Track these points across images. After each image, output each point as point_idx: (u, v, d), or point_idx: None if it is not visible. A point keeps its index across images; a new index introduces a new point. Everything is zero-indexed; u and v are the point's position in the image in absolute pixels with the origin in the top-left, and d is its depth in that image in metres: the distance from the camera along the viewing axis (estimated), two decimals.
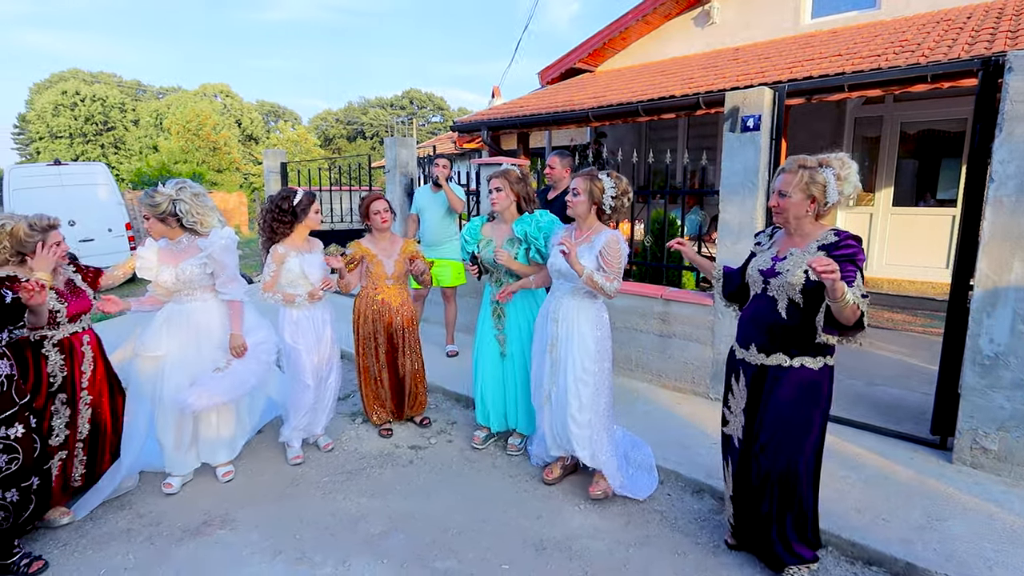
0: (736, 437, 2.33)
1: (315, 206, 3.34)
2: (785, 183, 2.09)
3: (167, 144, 29.68)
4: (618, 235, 2.78)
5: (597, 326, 2.86)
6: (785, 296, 2.10)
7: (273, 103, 46.22)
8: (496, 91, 15.15)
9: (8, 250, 2.57)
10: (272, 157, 9.08)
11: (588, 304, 2.88)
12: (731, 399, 2.35)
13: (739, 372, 2.28)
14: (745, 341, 2.26)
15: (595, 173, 2.81)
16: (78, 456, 2.85)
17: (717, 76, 5.65)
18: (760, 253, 2.30)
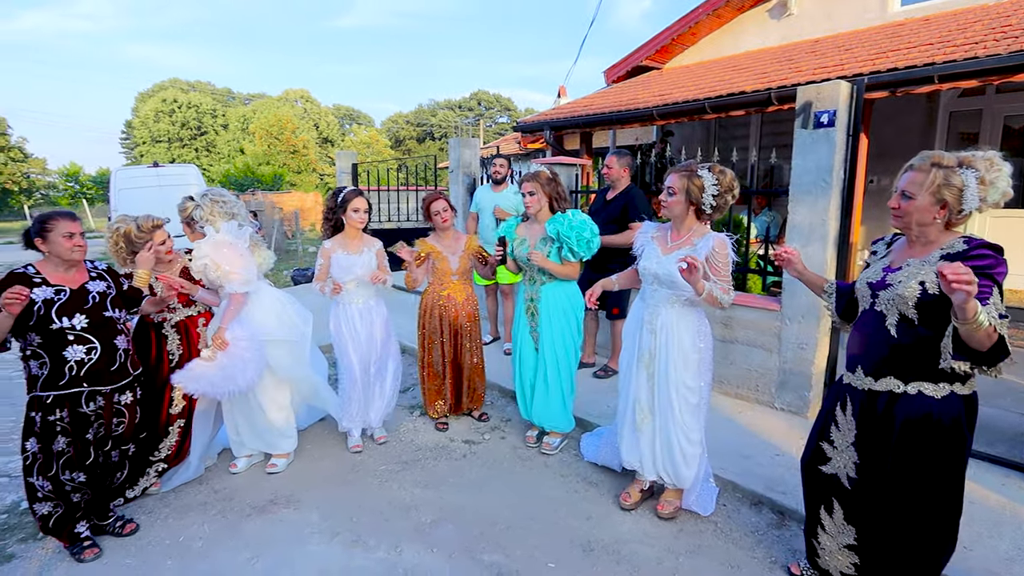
0: (845, 476, 1.99)
1: (355, 204, 3.39)
2: (911, 183, 1.80)
3: (252, 147, 31.71)
4: (724, 238, 2.52)
5: (700, 337, 2.64)
6: (896, 311, 1.82)
7: (348, 107, 48.35)
8: (562, 91, 15.10)
9: (124, 249, 2.90)
10: (344, 158, 9.51)
11: (689, 313, 2.64)
12: (835, 432, 2.02)
13: (846, 400, 1.98)
14: (851, 363, 1.98)
15: (694, 169, 2.52)
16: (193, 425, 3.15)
17: (792, 70, 5.38)
18: (873, 263, 2.01)
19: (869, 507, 1.96)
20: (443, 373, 3.80)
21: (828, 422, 2.07)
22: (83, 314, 2.41)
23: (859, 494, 1.97)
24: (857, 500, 1.98)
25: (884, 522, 1.92)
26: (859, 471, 1.96)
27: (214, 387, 2.90)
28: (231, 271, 3.02)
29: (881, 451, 1.89)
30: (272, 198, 16.91)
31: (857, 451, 1.96)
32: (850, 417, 1.97)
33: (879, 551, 1.97)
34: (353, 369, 3.50)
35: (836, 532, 2.07)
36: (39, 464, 2.40)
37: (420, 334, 3.82)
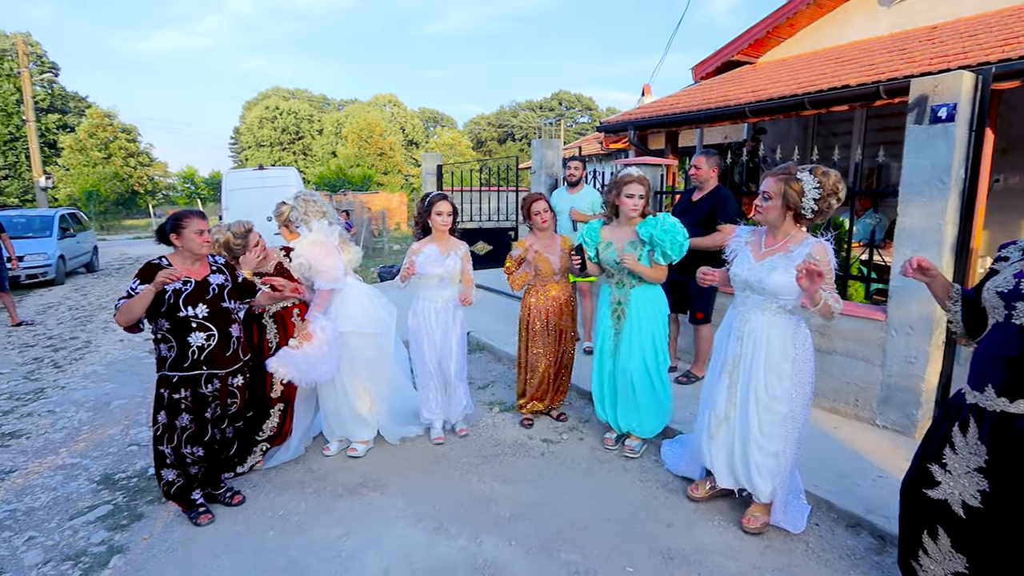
0: (960, 503, 1.83)
1: (438, 207, 3.49)
2: None
3: (343, 150, 33.56)
4: (826, 245, 2.41)
5: (793, 344, 2.51)
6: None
7: (433, 109, 49.90)
8: (647, 89, 14.76)
9: (228, 255, 3.20)
10: (429, 160, 9.85)
11: (781, 320, 2.53)
12: (949, 455, 1.86)
13: (968, 422, 1.81)
14: (979, 381, 1.80)
15: (792, 172, 2.41)
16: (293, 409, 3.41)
17: (904, 60, 4.95)
18: (1003, 270, 1.83)
19: (991, 538, 1.78)
20: (546, 372, 3.83)
21: (941, 444, 1.89)
22: (204, 304, 2.68)
23: (978, 523, 1.79)
24: (973, 530, 1.81)
25: (1008, 548, 1.75)
26: (985, 500, 1.77)
27: (300, 375, 3.12)
28: (321, 269, 3.26)
29: (1014, 476, 1.71)
30: (361, 198, 17.82)
31: (987, 478, 1.76)
32: (975, 442, 1.79)
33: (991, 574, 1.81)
34: (427, 365, 3.63)
35: (942, 559, 1.90)
36: (167, 435, 2.70)
37: (522, 335, 3.84)
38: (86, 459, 3.59)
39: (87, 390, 4.91)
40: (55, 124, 31.42)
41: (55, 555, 2.61)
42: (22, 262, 9.55)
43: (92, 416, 4.32)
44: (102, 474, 3.38)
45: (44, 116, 30.09)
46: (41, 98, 29.84)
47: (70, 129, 31.43)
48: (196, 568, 2.50)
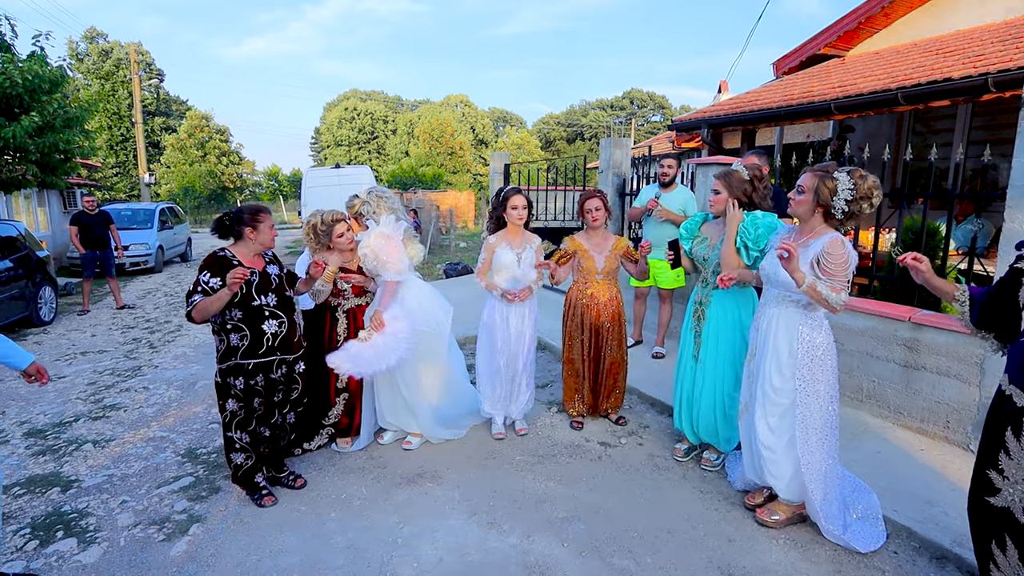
0: (1021, 509, 1.77)
1: (513, 201, 3.52)
2: None
3: (415, 150, 34.55)
4: (840, 237, 2.42)
5: (799, 339, 2.52)
6: None
7: (502, 109, 50.41)
8: (723, 85, 14.19)
9: (313, 240, 3.37)
10: (497, 159, 9.94)
11: (793, 313, 2.56)
12: (1004, 460, 1.80)
13: (1020, 423, 1.75)
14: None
15: (830, 170, 2.45)
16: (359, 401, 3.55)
17: (1018, 50, 4.48)
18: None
19: None
20: (582, 371, 3.81)
21: (995, 448, 1.81)
22: (272, 293, 2.83)
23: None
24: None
25: None
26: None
27: (366, 366, 3.16)
28: (387, 260, 3.32)
29: None
30: (431, 196, 18.28)
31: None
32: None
33: None
34: (496, 359, 3.65)
35: (1012, 572, 1.80)
36: (238, 420, 2.83)
37: (564, 331, 3.87)
38: (173, 433, 3.90)
39: (177, 370, 5.33)
40: (160, 126, 34.37)
41: (143, 519, 2.85)
42: (127, 251, 10.54)
43: (180, 394, 4.68)
44: (187, 448, 3.65)
45: (151, 119, 33.00)
46: (149, 102, 32.72)
47: (172, 131, 34.25)
48: (264, 542, 2.65)
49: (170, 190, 31.39)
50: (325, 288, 3.24)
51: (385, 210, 3.47)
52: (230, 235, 2.86)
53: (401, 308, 3.37)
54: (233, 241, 2.86)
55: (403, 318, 3.31)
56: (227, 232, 2.85)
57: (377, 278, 3.48)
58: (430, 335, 3.60)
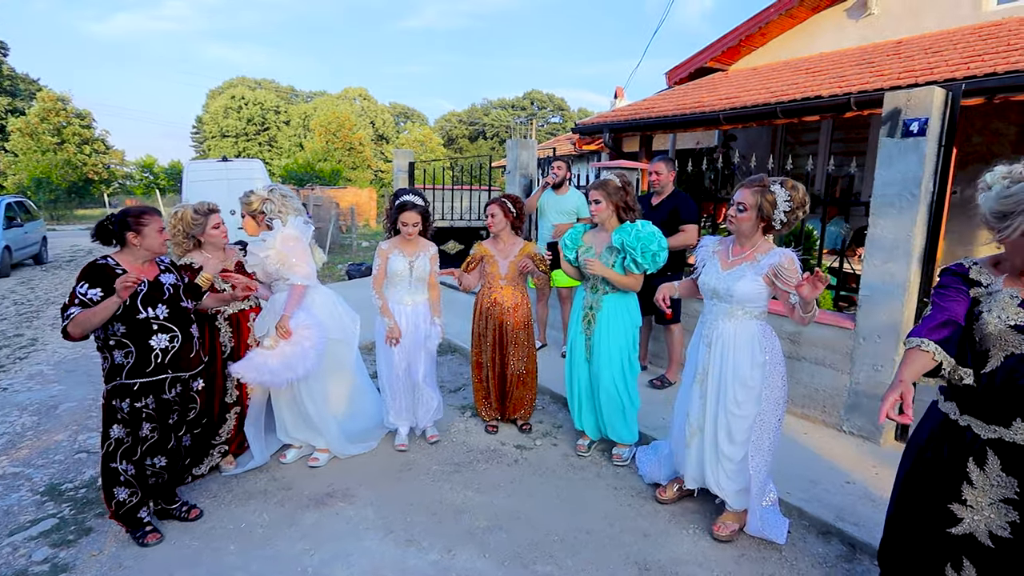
0: (986, 534, 1.76)
1: (404, 218, 3.35)
2: None
3: (311, 143, 32.84)
4: (793, 255, 2.44)
5: (762, 349, 2.54)
6: None
7: (403, 105, 49.38)
8: (619, 92, 14.87)
9: (180, 233, 3.03)
10: (401, 157, 9.68)
11: (748, 326, 2.56)
12: (970, 490, 1.78)
13: (985, 455, 1.74)
14: (1002, 416, 1.71)
15: (766, 184, 2.46)
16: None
17: (874, 74, 5.08)
18: (987, 300, 1.73)
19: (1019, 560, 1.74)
20: (489, 377, 3.79)
21: (955, 482, 1.80)
22: (164, 304, 2.52)
23: (1008, 553, 1.74)
24: (1002, 557, 1.75)
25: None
26: (1016, 530, 1.71)
27: (273, 376, 2.97)
28: (296, 263, 3.11)
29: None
30: (330, 193, 17.44)
31: (1017, 509, 1.70)
32: (999, 473, 1.72)
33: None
34: (396, 368, 3.53)
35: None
36: (124, 449, 2.50)
37: (472, 336, 3.84)
38: (29, 468, 3.36)
39: (32, 392, 4.62)
40: (4, 107, 29.81)
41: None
42: None
43: (37, 421, 4.06)
44: (47, 484, 3.16)
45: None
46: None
47: (20, 113, 29.84)
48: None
49: (19, 181, 27.34)
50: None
51: (291, 211, 3.23)
52: (112, 241, 2.52)
53: (309, 315, 3.15)
54: (118, 248, 2.53)
55: (312, 326, 3.10)
56: (109, 238, 2.52)
57: (278, 282, 3.23)
58: (338, 343, 3.42)
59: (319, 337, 3.11)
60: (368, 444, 3.56)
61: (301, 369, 3.04)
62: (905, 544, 1.95)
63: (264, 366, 2.95)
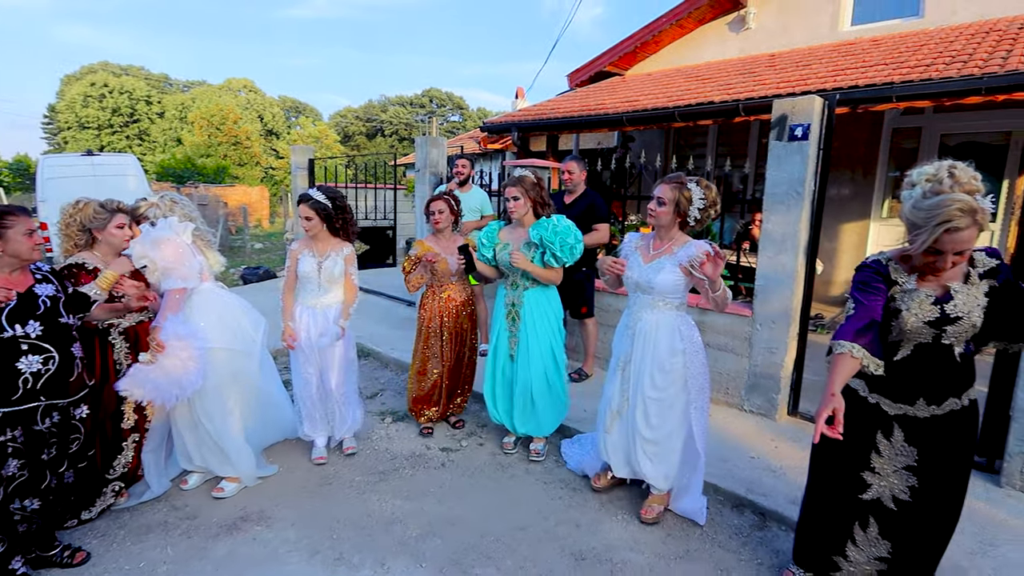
0: (891, 498, 1.99)
1: (299, 210, 3.22)
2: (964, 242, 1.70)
3: (191, 137, 30.10)
4: (707, 245, 2.56)
5: (681, 338, 2.69)
6: (963, 341, 1.86)
7: (294, 99, 46.65)
8: (520, 92, 15.13)
9: (75, 230, 2.68)
10: (300, 153, 9.14)
11: (670, 317, 2.70)
12: (878, 459, 1.99)
13: (891, 427, 1.96)
14: (907, 396, 1.93)
15: (684, 181, 2.62)
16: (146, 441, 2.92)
17: (755, 83, 5.56)
18: (902, 297, 1.88)
19: (913, 519, 1.98)
20: (440, 378, 3.71)
21: (865, 452, 2.01)
22: (36, 320, 2.17)
23: (906, 513, 1.98)
24: (901, 517, 1.99)
25: (924, 524, 1.97)
26: (914, 492, 1.95)
27: (161, 392, 2.64)
28: (169, 266, 2.79)
29: (945, 463, 1.92)
30: (216, 192, 16.10)
31: (915, 474, 1.95)
32: (903, 444, 1.95)
33: (909, 551, 2.02)
34: (310, 376, 3.34)
35: (868, 545, 2.07)
36: None
37: (418, 338, 3.71)
38: None
39: None
40: None
41: None
42: None
43: None
44: None
45: None
46: None
47: None
48: None
49: None
50: (101, 297, 2.58)
51: (182, 218, 2.93)
52: None
53: (184, 324, 2.83)
54: None
55: (186, 336, 2.76)
56: None
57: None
58: (238, 354, 3.12)
59: (197, 348, 2.79)
60: (274, 466, 3.30)
61: (187, 384, 2.73)
62: (821, 509, 2.16)
63: (149, 381, 2.62)
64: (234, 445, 3.03)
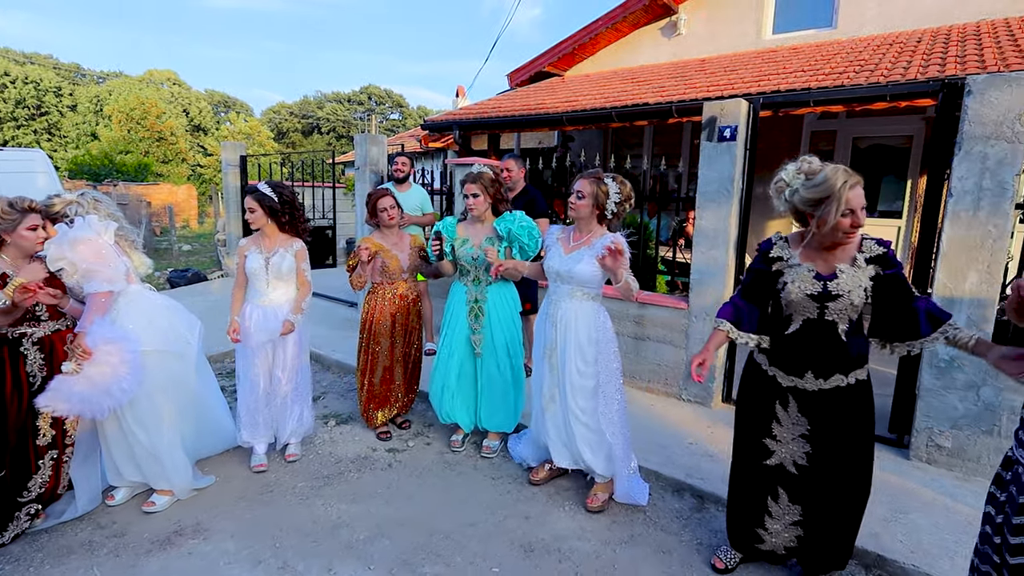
0: (791, 465, 2.19)
1: (245, 202, 3.17)
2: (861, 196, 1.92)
3: (108, 132, 28.07)
4: (621, 238, 2.74)
5: (595, 327, 2.82)
6: (847, 318, 2.02)
7: (223, 93, 44.43)
8: (461, 91, 15.06)
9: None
10: (231, 150, 8.74)
11: (587, 306, 2.83)
12: (778, 428, 2.18)
13: (787, 399, 2.15)
14: (797, 369, 2.11)
15: (601, 176, 2.76)
16: (68, 456, 2.70)
17: (687, 86, 5.81)
18: (788, 271, 2.09)
19: (817, 486, 2.17)
20: (392, 378, 3.65)
21: (766, 420, 2.21)
22: None
23: (806, 478, 2.18)
24: (804, 481, 2.19)
25: (828, 490, 2.15)
26: (810, 458, 2.16)
27: (89, 404, 2.47)
28: (90, 268, 2.60)
29: (834, 435, 2.11)
30: (138, 190, 15.14)
31: (809, 441, 2.15)
32: (797, 415, 2.15)
33: (821, 517, 2.19)
34: (258, 378, 3.23)
35: (782, 514, 2.26)
36: None
37: (364, 338, 3.60)
38: None
39: None
40: None
41: None
42: None
43: None
44: None
45: None
46: None
47: None
48: None
49: None
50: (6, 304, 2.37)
51: (105, 217, 2.75)
52: None
53: (112, 328, 2.66)
54: None
55: (116, 339, 2.60)
56: None
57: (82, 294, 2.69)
58: (171, 356, 2.96)
59: (129, 351, 2.63)
60: (211, 477, 3.16)
61: (119, 392, 2.56)
62: (741, 481, 2.35)
63: (74, 394, 2.43)
64: (169, 455, 2.87)
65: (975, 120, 2.90)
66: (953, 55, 4.77)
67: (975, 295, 2.99)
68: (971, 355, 1.93)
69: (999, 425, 3.03)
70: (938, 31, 6.10)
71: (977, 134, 2.90)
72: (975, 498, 2.91)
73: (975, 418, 3.08)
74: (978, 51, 4.79)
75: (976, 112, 2.89)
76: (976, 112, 2.89)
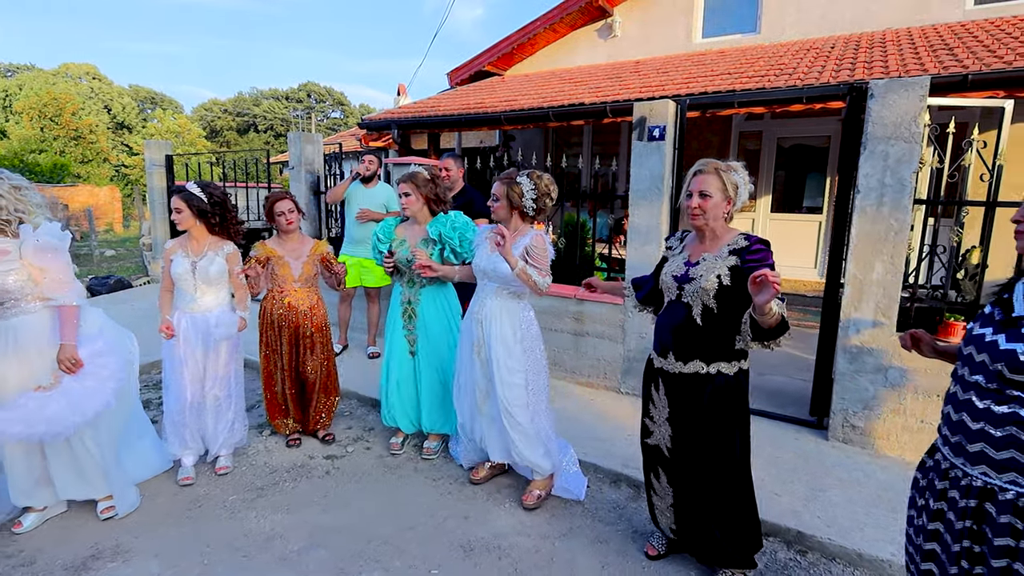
0: (664, 447, 2.29)
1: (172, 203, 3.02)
2: (706, 183, 2.06)
3: (18, 130, 25.98)
4: (542, 233, 2.79)
5: (521, 325, 2.85)
6: (700, 302, 2.08)
7: (150, 89, 41.98)
8: (402, 89, 14.85)
9: None
10: (155, 149, 8.27)
11: (511, 304, 2.87)
12: (653, 409, 2.30)
13: (658, 381, 2.25)
14: (662, 349, 2.22)
15: (513, 177, 2.77)
16: None
17: (622, 87, 5.96)
18: (672, 258, 2.26)
19: (683, 471, 2.27)
20: (284, 389, 3.52)
21: (647, 401, 2.35)
22: None
23: (675, 461, 2.28)
24: (674, 466, 2.29)
25: (693, 479, 2.23)
26: (673, 442, 2.25)
27: (53, 425, 2.37)
28: (63, 280, 2.48)
29: (691, 422, 2.18)
30: (55, 192, 14.11)
31: (671, 425, 2.25)
32: (663, 396, 2.25)
33: (690, 504, 2.28)
34: (185, 389, 3.09)
35: (663, 493, 2.38)
36: None
37: (260, 345, 3.50)
38: None
39: None
40: None
41: None
42: None
43: None
44: None
45: None
46: None
47: None
48: None
49: None
50: None
51: (35, 208, 2.53)
52: None
53: (103, 339, 2.60)
54: None
55: (106, 352, 2.56)
56: None
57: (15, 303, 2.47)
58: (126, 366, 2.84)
59: (118, 365, 2.59)
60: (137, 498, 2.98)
61: (91, 410, 2.47)
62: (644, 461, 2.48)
63: (39, 415, 2.32)
64: (111, 467, 2.76)
65: (877, 121, 3.12)
66: (862, 61, 5.11)
67: (881, 284, 3.22)
68: None
69: (904, 403, 3.27)
70: (850, 38, 6.52)
71: (879, 134, 3.12)
72: (884, 473, 3.14)
73: (883, 399, 3.31)
74: (883, 58, 5.15)
75: (878, 114, 3.11)
76: (878, 114, 3.11)
